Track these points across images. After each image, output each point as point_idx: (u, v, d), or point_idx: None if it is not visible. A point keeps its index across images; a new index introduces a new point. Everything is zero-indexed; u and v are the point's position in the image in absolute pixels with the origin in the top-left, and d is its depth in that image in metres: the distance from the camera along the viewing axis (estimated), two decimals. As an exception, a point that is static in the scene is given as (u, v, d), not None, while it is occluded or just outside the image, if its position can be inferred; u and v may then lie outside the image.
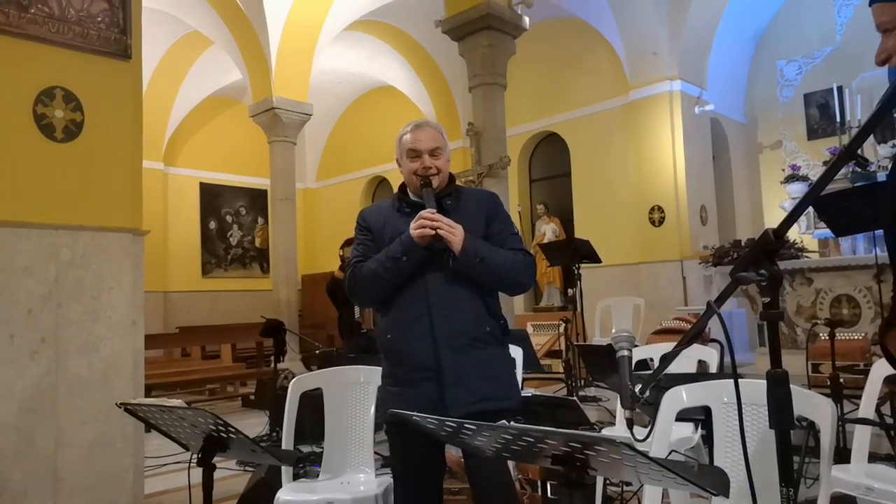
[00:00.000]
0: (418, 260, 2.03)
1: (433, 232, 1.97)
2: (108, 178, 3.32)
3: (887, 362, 1.36)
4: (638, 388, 1.39)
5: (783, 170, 9.44)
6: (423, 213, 2.00)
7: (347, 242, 5.71)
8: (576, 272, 6.30)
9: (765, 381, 1.10)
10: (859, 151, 1.08)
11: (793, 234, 6.54)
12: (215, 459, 1.84)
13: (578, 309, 6.54)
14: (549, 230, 10.36)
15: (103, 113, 3.30)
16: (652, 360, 3.38)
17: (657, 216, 9.55)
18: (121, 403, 1.89)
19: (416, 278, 2.06)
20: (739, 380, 1.81)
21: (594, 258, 6.26)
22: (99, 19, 3.26)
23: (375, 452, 2.85)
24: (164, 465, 4.31)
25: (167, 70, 11.70)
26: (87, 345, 3.17)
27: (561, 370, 5.85)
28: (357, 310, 5.43)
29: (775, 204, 9.91)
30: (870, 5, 1.23)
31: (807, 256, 6.06)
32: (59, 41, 3.12)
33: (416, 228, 1.99)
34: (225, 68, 11.38)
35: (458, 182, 2.26)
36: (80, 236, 3.17)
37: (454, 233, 1.98)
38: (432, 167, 2.09)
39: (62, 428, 3.02)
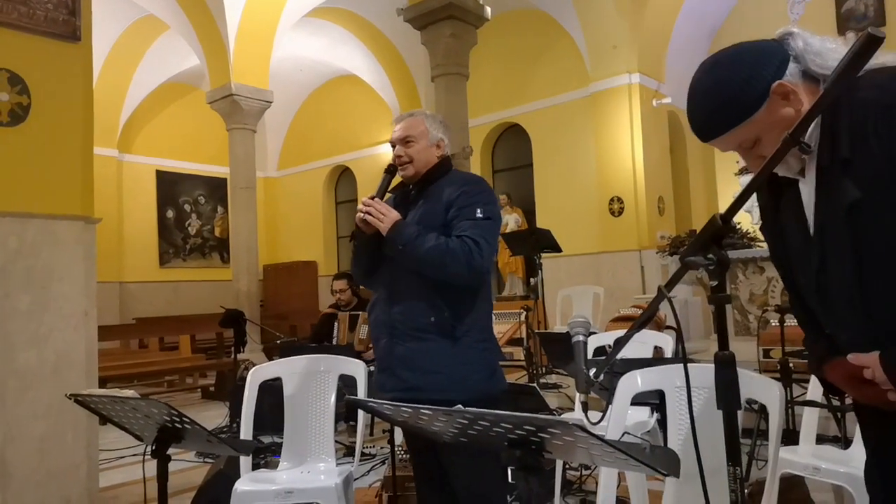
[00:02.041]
0: (369, 245, 2.10)
1: (362, 216, 2.04)
2: (58, 164, 3.22)
3: (828, 393, 1.41)
4: (593, 371, 1.42)
5: (737, 162, 9.66)
6: (363, 199, 2.07)
7: (338, 276, 5.64)
8: (537, 262, 6.36)
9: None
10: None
11: (746, 224, 6.72)
12: (171, 451, 1.81)
13: (540, 298, 6.61)
14: (511, 220, 10.43)
15: (52, 97, 3.20)
16: (610, 346, 3.44)
17: (616, 207, 9.70)
18: (71, 395, 1.84)
19: (382, 265, 2.12)
20: (691, 364, 1.86)
21: (555, 248, 6.33)
22: (46, 0, 3.14)
23: (336, 441, 2.84)
24: (122, 457, 4.22)
25: (121, 54, 11.36)
26: (36, 336, 3.08)
27: (522, 358, 5.91)
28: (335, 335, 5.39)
29: (730, 195, 10.15)
30: (705, 141, 1.27)
31: (759, 246, 6.23)
32: (3, 21, 3.00)
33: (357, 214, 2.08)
34: (181, 53, 11.10)
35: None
36: (28, 224, 3.07)
37: (382, 219, 2.01)
38: (403, 155, 2.14)
39: (10, 421, 2.94)
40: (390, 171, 2.16)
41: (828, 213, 1.18)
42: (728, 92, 1.19)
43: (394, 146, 2.18)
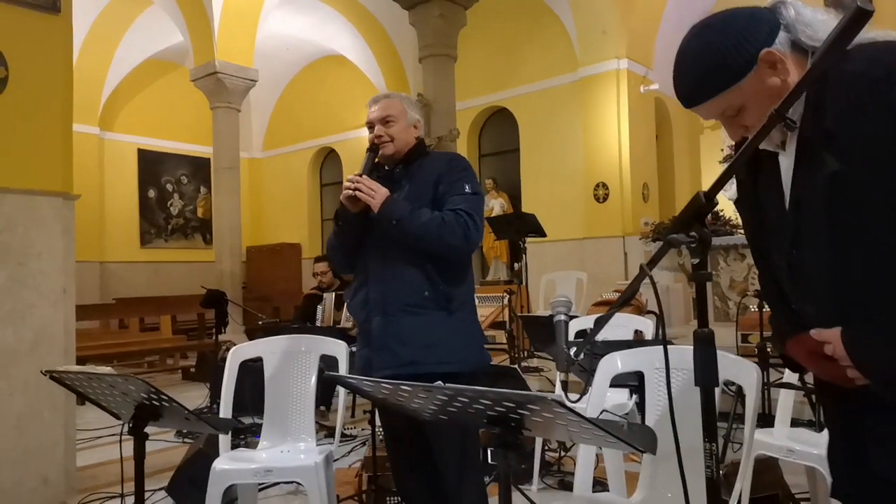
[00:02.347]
0: (354, 224, 2.10)
1: (352, 193, 2.03)
2: (36, 139, 3.17)
3: (789, 370, 1.41)
4: (573, 351, 1.42)
5: (722, 150, 9.72)
6: (349, 176, 2.06)
7: (319, 259, 5.65)
8: (522, 246, 6.37)
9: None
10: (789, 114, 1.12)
11: (729, 211, 6.77)
12: (150, 431, 1.80)
13: (524, 282, 6.63)
14: (496, 205, 10.43)
15: (30, 69, 3.14)
16: (591, 329, 3.46)
17: (602, 192, 9.73)
18: (46, 371, 1.82)
19: (366, 245, 2.13)
20: (671, 346, 1.87)
21: (540, 232, 6.34)
22: (24, -31, 3.07)
23: (316, 421, 2.83)
24: (99, 437, 4.18)
25: (102, 30, 11.14)
26: (13, 312, 3.04)
27: (504, 341, 5.94)
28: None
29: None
30: (689, 106, 1.25)
31: (740, 233, 6.29)
32: (-22, -10, 2.92)
33: (342, 192, 2.07)
34: (165, 30, 10.90)
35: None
36: (5, 199, 3.02)
37: (373, 196, 2.01)
38: (383, 135, 2.15)
39: (-14, 399, 2.90)
40: (373, 149, 2.17)
41: (805, 186, 1.18)
42: (716, 56, 1.18)
43: (371, 127, 2.19)
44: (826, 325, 1.16)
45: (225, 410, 2.61)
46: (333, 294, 5.36)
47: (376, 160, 2.17)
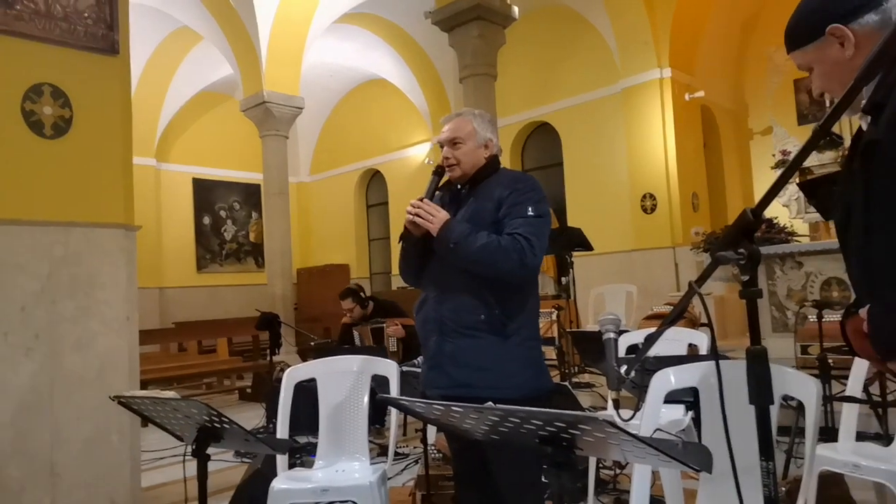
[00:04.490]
0: (417, 246, 2.13)
1: (411, 219, 2.06)
2: (99, 174, 3.32)
3: (847, 349, 1.40)
4: (624, 368, 1.42)
5: (773, 155, 9.47)
6: (411, 201, 2.08)
7: (343, 295, 5.66)
8: (569, 260, 6.33)
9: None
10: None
11: (783, 218, 6.58)
12: (210, 450, 1.86)
13: (571, 297, 6.57)
14: (542, 220, 10.37)
15: (92, 109, 3.30)
16: (641, 345, 3.41)
17: (649, 203, 9.58)
18: (114, 396, 1.91)
19: (430, 265, 2.15)
20: (727, 361, 1.84)
21: (586, 246, 6.29)
22: (86, 15, 3.25)
23: (370, 440, 2.87)
24: (162, 458, 4.32)
25: (157, 66, 11.64)
26: (81, 341, 3.17)
27: (554, 357, 5.89)
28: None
29: (766, 189, 9.95)
30: (788, 53, 1.32)
31: (797, 241, 6.10)
32: (45, 37, 3.11)
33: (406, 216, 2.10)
34: (215, 63, 11.32)
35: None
36: (72, 232, 3.18)
37: (431, 220, 2.03)
38: (450, 157, 2.16)
39: (58, 424, 3.04)
40: (438, 172, 2.18)
41: (856, 157, 1.19)
42: (798, 16, 1.26)
43: (442, 146, 2.19)
44: (863, 301, 1.19)
45: (282, 431, 2.68)
46: (370, 328, 5.41)
47: (441, 183, 2.20)
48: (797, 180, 6.31)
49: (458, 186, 2.20)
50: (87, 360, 3.18)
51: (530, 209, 2.06)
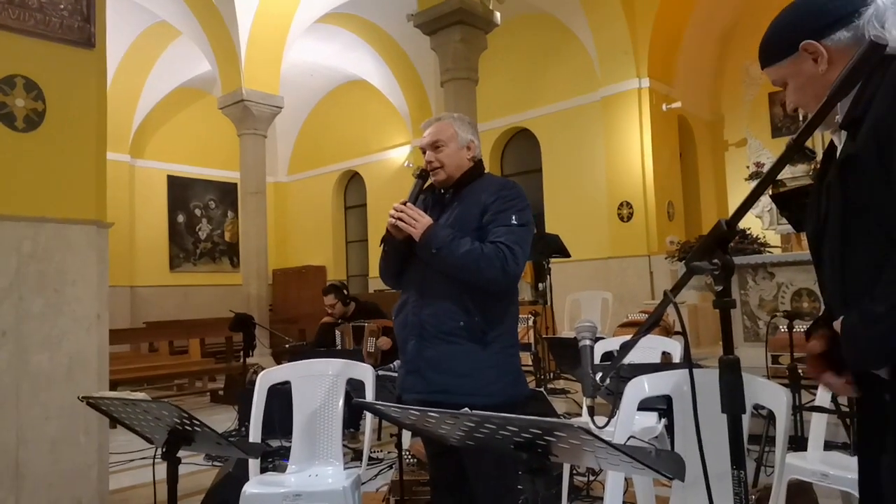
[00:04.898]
0: (399, 250, 2.12)
1: (394, 222, 2.05)
2: (71, 169, 3.26)
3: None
4: (599, 376, 1.43)
5: (748, 167, 9.66)
6: (394, 205, 2.07)
7: (325, 291, 5.66)
8: (546, 267, 6.36)
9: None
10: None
11: (756, 229, 6.69)
12: (181, 453, 1.83)
13: (548, 303, 6.61)
14: (520, 225, 10.41)
15: (66, 102, 3.24)
16: (617, 351, 3.44)
17: (626, 212, 9.68)
18: (83, 397, 1.87)
19: (411, 269, 2.14)
20: (700, 369, 1.86)
21: (564, 253, 6.33)
22: (61, 7, 3.19)
23: (344, 445, 2.85)
24: (131, 460, 4.25)
25: (134, 60, 11.47)
26: (49, 339, 3.11)
27: (530, 363, 5.91)
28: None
29: (740, 200, 10.10)
30: (762, 69, 1.35)
31: (769, 251, 6.20)
32: (19, 28, 3.05)
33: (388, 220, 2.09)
34: (193, 59, 11.19)
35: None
36: (42, 228, 3.11)
37: (414, 224, 2.02)
38: (434, 161, 2.16)
39: (24, 423, 2.97)
40: (422, 176, 2.18)
41: (831, 170, 1.21)
42: (771, 33, 1.29)
43: (424, 151, 2.19)
44: (838, 312, 1.22)
45: (254, 435, 2.64)
46: (351, 326, 5.38)
47: (424, 186, 2.19)
48: (770, 192, 6.42)
49: (442, 191, 2.20)
50: (55, 358, 3.11)
51: (514, 217, 2.07)
